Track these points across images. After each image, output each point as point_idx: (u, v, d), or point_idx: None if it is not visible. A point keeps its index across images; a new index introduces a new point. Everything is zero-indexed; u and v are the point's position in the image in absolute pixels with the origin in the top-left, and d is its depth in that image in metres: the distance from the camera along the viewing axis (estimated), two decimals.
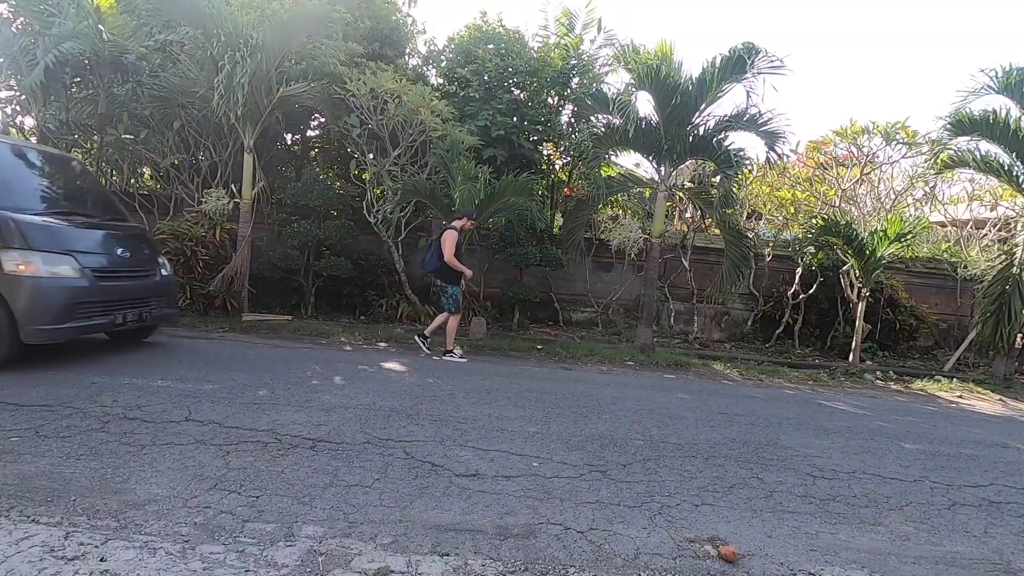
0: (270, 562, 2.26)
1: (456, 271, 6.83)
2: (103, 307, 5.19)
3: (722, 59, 7.64)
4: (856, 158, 11.02)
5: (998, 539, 3.15)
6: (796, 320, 10.29)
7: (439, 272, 6.92)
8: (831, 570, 2.64)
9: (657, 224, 8.60)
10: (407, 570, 2.29)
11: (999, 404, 7.35)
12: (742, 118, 7.98)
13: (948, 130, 8.43)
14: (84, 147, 9.52)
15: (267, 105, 7.87)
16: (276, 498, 2.79)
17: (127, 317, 5.46)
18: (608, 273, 10.85)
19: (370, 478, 3.13)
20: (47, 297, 4.75)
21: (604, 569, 2.45)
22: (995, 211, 12.00)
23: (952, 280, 11.09)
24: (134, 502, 2.63)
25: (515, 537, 2.64)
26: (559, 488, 3.24)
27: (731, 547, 2.69)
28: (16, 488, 2.65)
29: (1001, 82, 7.88)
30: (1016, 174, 8.29)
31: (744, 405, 5.83)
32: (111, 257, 5.42)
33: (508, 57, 9.16)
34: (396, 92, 7.86)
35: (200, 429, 3.62)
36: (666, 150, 8.27)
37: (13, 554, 2.14)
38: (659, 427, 4.65)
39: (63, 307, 4.84)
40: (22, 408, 3.71)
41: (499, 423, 4.35)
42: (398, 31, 10.10)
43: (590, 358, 7.75)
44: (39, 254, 4.74)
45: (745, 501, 3.32)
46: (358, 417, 4.16)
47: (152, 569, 2.13)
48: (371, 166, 8.62)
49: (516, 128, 8.98)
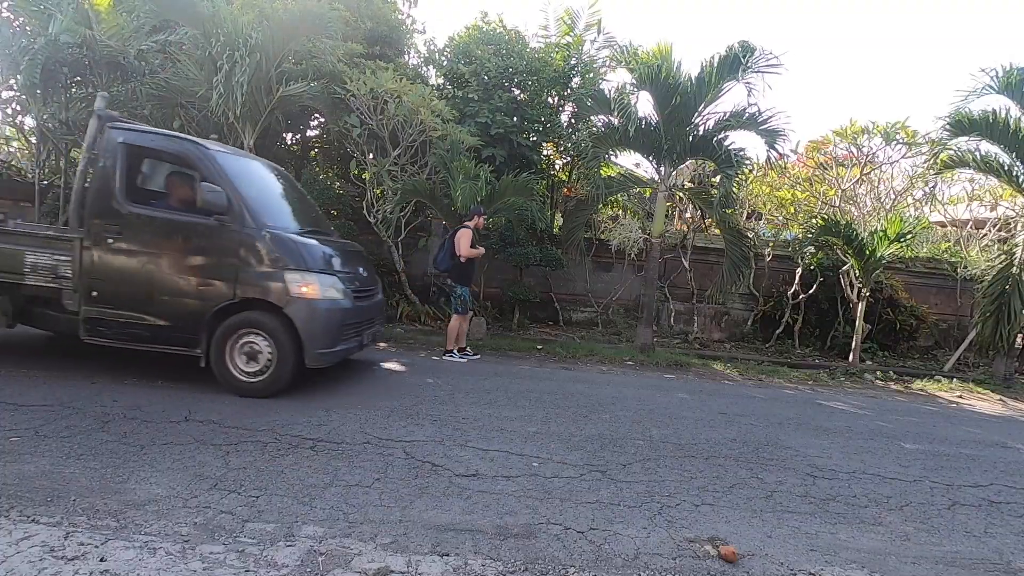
0: (270, 562, 2.26)
1: (467, 272, 6.95)
2: (356, 328, 5.03)
3: (720, 58, 7.65)
4: (856, 158, 11.02)
5: (998, 539, 3.16)
6: (796, 320, 10.29)
7: (451, 272, 6.98)
8: (831, 570, 2.64)
9: (657, 224, 8.60)
10: (407, 570, 2.29)
11: (999, 404, 7.35)
12: (742, 117, 7.98)
13: (948, 130, 8.43)
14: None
15: (267, 105, 7.87)
16: (276, 498, 2.79)
17: (367, 338, 5.33)
18: (608, 273, 10.85)
19: (370, 478, 3.13)
20: (326, 319, 4.61)
21: (604, 569, 2.45)
22: (995, 211, 12.00)
23: (952, 280, 11.09)
24: (134, 502, 2.63)
25: (515, 537, 2.64)
26: (559, 488, 3.24)
27: (731, 547, 2.69)
28: (16, 488, 2.66)
29: (1001, 82, 7.88)
30: (1016, 174, 8.29)
31: (744, 405, 5.83)
32: (356, 275, 5.26)
33: (508, 57, 9.16)
34: (396, 92, 7.85)
35: (200, 429, 3.62)
36: (666, 150, 8.27)
37: (13, 554, 2.14)
38: (659, 427, 4.65)
39: (337, 329, 4.72)
40: (22, 408, 3.71)
41: (499, 423, 4.35)
42: (398, 31, 10.10)
43: (590, 358, 7.75)
44: (315, 275, 4.59)
45: (745, 501, 3.33)
46: (358, 417, 4.16)
47: (152, 569, 2.14)
48: (371, 166, 8.62)
49: (516, 127, 8.98)
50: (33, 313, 4.81)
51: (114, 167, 4.54)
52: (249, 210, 4.52)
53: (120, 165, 4.56)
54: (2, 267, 4.47)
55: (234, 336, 4.48)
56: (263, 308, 4.48)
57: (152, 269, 4.47)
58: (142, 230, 4.49)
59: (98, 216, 4.47)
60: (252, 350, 4.48)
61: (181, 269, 4.47)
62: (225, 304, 4.43)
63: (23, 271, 4.47)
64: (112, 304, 4.48)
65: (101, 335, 4.51)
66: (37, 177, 8.65)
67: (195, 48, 7.79)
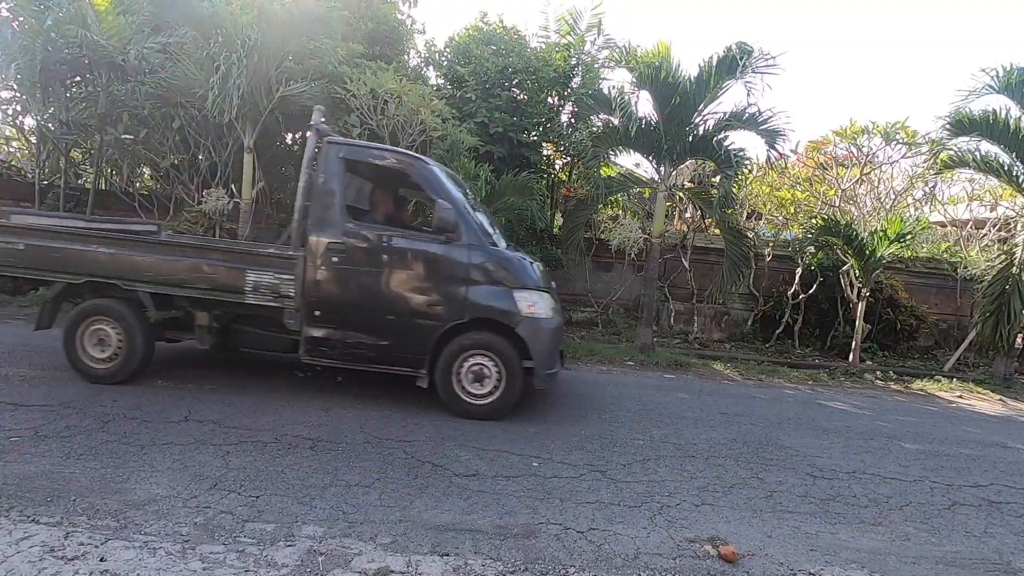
0: (270, 562, 2.26)
1: None
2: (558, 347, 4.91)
3: (719, 59, 7.65)
4: (856, 158, 11.02)
5: (998, 539, 3.16)
6: (796, 320, 10.29)
7: None
8: (831, 570, 2.64)
9: (657, 224, 8.60)
10: (407, 570, 2.30)
11: (999, 404, 7.35)
12: (742, 117, 7.98)
13: (948, 130, 8.43)
14: (84, 147, 9.51)
15: (267, 105, 7.86)
16: (276, 498, 2.79)
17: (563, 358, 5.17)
18: (608, 273, 10.84)
19: (370, 478, 3.13)
20: (551, 339, 4.54)
21: (604, 569, 2.45)
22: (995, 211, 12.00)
23: (952, 280, 11.08)
24: (134, 502, 2.63)
25: (515, 537, 2.64)
26: (559, 488, 3.24)
27: (731, 547, 2.69)
28: (16, 488, 2.66)
29: (1001, 82, 7.88)
30: (1016, 174, 8.28)
31: (744, 405, 5.83)
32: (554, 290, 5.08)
33: (506, 56, 9.16)
34: (396, 92, 7.85)
35: (200, 429, 3.62)
36: (666, 150, 8.27)
37: (13, 554, 2.14)
38: (659, 427, 4.65)
39: (557, 349, 4.64)
40: (22, 408, 3.71)
41: (499, 423, 4.35)
42: (398, 31, 10.09)
43: (590, 358, 7.75)
44: (539, 293, 4.49)
45: (745, 501, 3.33)
46: (358, 417, 4.16)
47: (152, 569, 2.14)
48: None
49: (515, 126, 8.97)
50: (235, 331, 4.74)
51: (335, 183, 4.47)
52: (474, 226, 4.45)
53: (341, 181, 4.50)
54: (224, 286, 4.35)
55: (461, 357, 4.39)
56: (491, 328, 4.39)
57: (377, 288, 4.39)
58: (367, 248, 4.41)
59: (322, 234, 4.40)
60: (479, 372, 4.39)
61: (408, 288, 4.40)
62: (453, 324, 4.36)
63: (244, 290, 4.34)
64: (335, 324, 4.42)
65: (322, 355, 4.45)
66: (37, 177, 8.65)
67: (195, 48, 7.79)
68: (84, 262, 4.40)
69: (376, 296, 4.39)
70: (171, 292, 4.41)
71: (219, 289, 4.36)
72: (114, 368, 4.43)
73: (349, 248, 4.39)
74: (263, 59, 7.52)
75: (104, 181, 9.74)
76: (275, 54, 7.66)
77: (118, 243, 4.46)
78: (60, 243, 4.42)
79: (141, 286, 4.38)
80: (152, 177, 10.23)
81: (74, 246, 4.41)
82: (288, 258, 4.37)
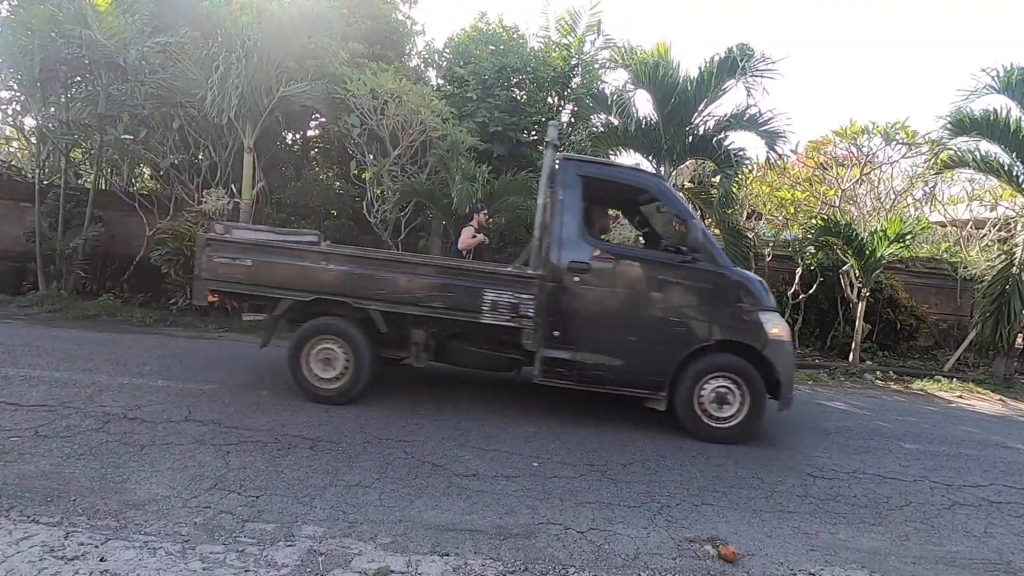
0: (270, 562, 2.26)
1: None
2: None
3: (720, 59, 7.65)
4: (856, 158, 11.02)
5: (998, 539, 3.16)
6: (796, 320, 10.28)
7: None
8: (831, 570, 2.64)
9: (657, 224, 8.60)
10: (407, 570, 2.30)
11: (999, 404, 7.34)
12: (742, 118, 7.98)
13: (948, 130, 8.43)
14: (84, 147, 9.52)
15: (267, 105, 7.87)
16: (276, 498, 2.79)
17: None
18: None
19: (370, 478, 3.13)
20: (792, 361, 4.46)
21: (604, 569, 2.45)
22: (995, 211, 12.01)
23: (952, 280, 11.08)
24: (134, 502, 2.63)
25: (515, 537, 2.64)
26: (559, 488, 3.24)
27: (731, 547, 2.69)
28: (16, 488, 2.66)
29: (1002, 82, 7.88)
30: (1016, 174, 8.28)
31: None
32: None
33: (505, 56, 9.17)
34: (396, 92, 7.85)
35: (200, 429, 3.62)
36: (666, 150, 8.27)
37: (13, 554, 2.14)
38: (660, 427, 4.65)
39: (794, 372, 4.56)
40: (22, 408, 3.71)
41: (499, 423, 4.35)
42: (398, 31, 10.09)
43: None
44: (777, 314, 4.44)
45: (745, 501, 3.33)
46: (358, 417, 4.16)
47: (152, 569, 2.14)
48: (371, 166, 8.61)
49: (515, 126, 8.97)
50: (451, 349, 4.66)
51: (574, 201, 4.41)
52: (717, 246, 4.42)
53: (580, 199, 4.43)
54: (460, 305, 4.28)
55: (703, 380, 4.31)
56: (734, 350, 4.32)
57: (621, 309, 4.35)
58: (610, 268, 4.37)
59: (562, 253, 4.35)
60: (722, 395, 4.32)
61: (653, 309, 4.34)
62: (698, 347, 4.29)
63: (481, 309, 4.26)
64: (574, 345, 4.35)
65: (558, 376, 4.38)
66: (37, 177, 8.65)
67: (195, 48, 7.79)
68: (315, 279, 4.33)
69: (619, 317, 4.34)
70: (403, 311, 4.32)
71: (455, 308, 4.28)
72: (342, 388, 4.39)
73: (592, 267, 4.34)
74: (263, 59, 7.52)
75: (104, 181, 9.73)
76: (275, 54, 7.66)
77: (351, 260, 4.40)
78: (290, 259, 4.36)
79: (373, 304, 4.31)
80: (152, 177, 10.22)
81: (304, 262, 4.34)
82: (528, 277, 4.30)
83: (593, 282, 4.35)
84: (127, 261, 8.95)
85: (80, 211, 8.57)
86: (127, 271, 8.93)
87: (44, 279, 8.35)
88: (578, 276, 4.33)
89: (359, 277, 4.33)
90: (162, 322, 7.37)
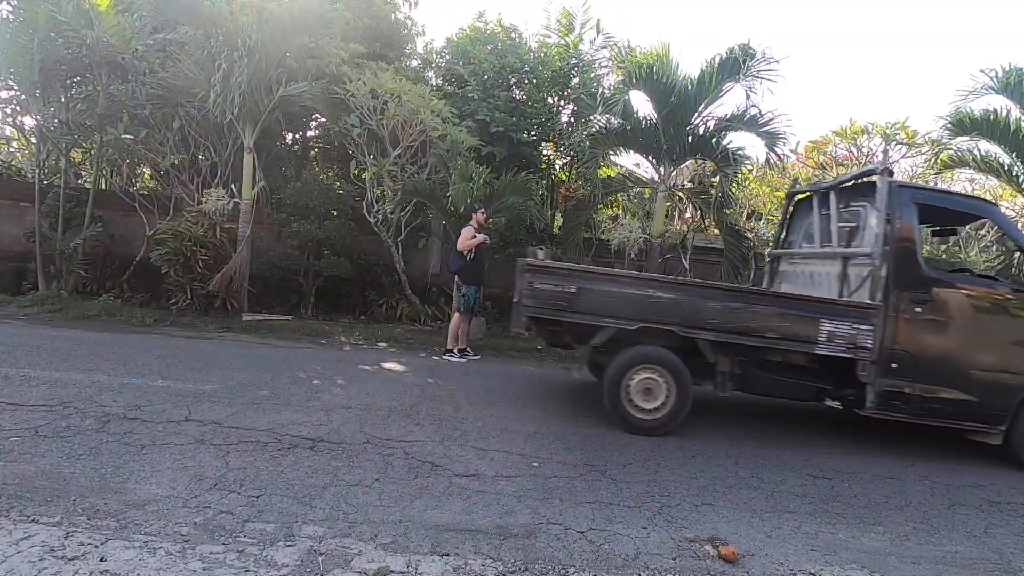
0: (270, 562, 2.26)
1: (476, 271, 7.01)
2: None
3: (720, 60, 7.66)
4: (856, 158, 11.02)
5: (998, 539, 3.16)
6: None
7: (461, 272, 7.04)
8: (831, 570, 2.64)
9: (657, 224, 8.61)
10: (407, 570, 2.30)
11: None
12: (743, 118, 7.99)
13: (948, 130, 8.44)
14: (84, 147, 9.52)
15: (267, 105, 7.87)
16: (276, 498, 2.79)
17: None
18: None
19: (370, 478, 3.13)
20: None
21: (604, 569, 2.45)
22: None
23: None
24: (134, 502, 2.63)
25: (515, 537, 2.64)
26: (559, 488, 3.24)
27: (731, 547, 2.69)
28: (16, 488, 2.65)
29: (1001, 82, 7.88)
30: (1016, 174, 8.28)
31: (744, 405, 5.82)
32: None
33: (504, 56, 9.16)
34: (396, 92, 7.85)
35: (200, 429, 3.62)
36: (665, 150, 8.28)
37: (13, 554, 2.14)
38: None
39: None
40: (22, 408, 3.71)
41: (499, 423, 4.35)
42: (398, 32, 10.09)
43: None
44: None
45: (745, 501, 3.33)
46: (358, 417, 4.16)
47: (152, 569, 2.14)
48: (371, 166, 8.61)
49: (515, 126, 8.97)
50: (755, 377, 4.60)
51: (912, 230, 4.36)
52: None
53: (917, 227, 4.39)
54: (795, 335, 4.22)
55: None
56: None
57: (965, 341, 4.29)
58: (954, 297, 4.31)
59: (903, 284, 4.29)
60: None
61: (999, 342, 4.30)
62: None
63: (816, 339, 4.19)
64: (911, 377, 4.29)
65: (892, 408, 4.34)
66: (37, 177, 8.65)
67: (195, 48, 7.79)
68: (642, 307, 4.29)
69: (963, 348, 4.28)
70: (731, 340, 4.28)
71: (788, 338, 4.23)
72: (663, 419, 4.35)
73: (935, 298, 4.28)
74: (263, 58, 7.52)
75: (104, 181, 9.74)
76: (275, 53, 7.67)
77: (681, 288, 4.39)
78: (616, 286, 4.32)
79: (702, 333, 4.27)
80: (152, 177, 10.22)
81: (631, 290, 4.31)
82: (868, 308, 4.24)
83: (936, 312, 4.29)
84: (127, 261, 8.95)
85: (80, 211, 8.58)
86: (127, 271, 8.93)
87: (44, 279, 8.35)
88: (920, 306, 4.27)
89: (689, 305, 4.29)
90: (162, 322, 7.37)
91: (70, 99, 8.59)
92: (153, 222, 8.76)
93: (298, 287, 9.18)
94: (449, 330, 6.97)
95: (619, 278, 4.40)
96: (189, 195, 8.92)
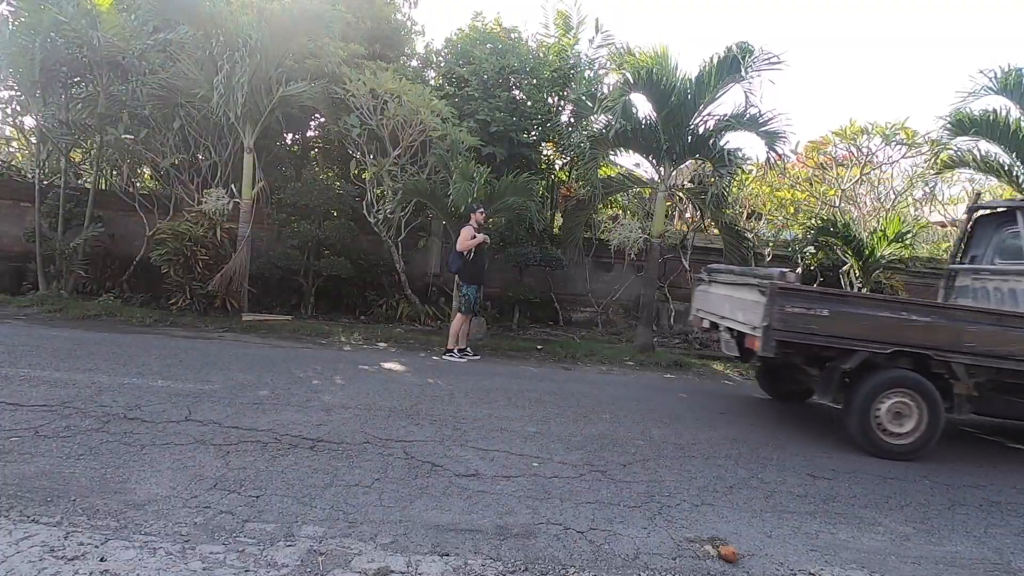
0: (270, 562, 2.26)
1: (476, 271, 7.01)
2: None
3: (719, 59, 7.65)
4: (856, 158, 11.03)
5: (998, 539, 3.16)
6: None
7: (461, 272, 7.06)
8: (831, 570, 2.64)
9: (657, 224, 8.60)
10: (407, 570, 2.30)
11: None
12: (742, 118, 7.98)
13: (948, 130, 8.43)
14: (84, 147, 9.52)
15: (267, 105, 7.87)
16: (276, 498, 2.79)
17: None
18: (608, 273, 10.84)
19: (370, 478, 3.13)
20: None
21: (604, 569, 2.45)
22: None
23: None
24: (134, 502, 2.63)
25: (515, 537, 2.64)
26: (559, 488, 3.24)
27: (731, 547, 2.69)
28: (16, 488, 2.65)
29: (1001, 82, 7.88)
30: (1016, 174, 8.28)
31: (744, 405, 5.83)
32: None
33: (504, 56, 9.17)
34: (396, 92, 7.85)
35: (200, 429, 3.62)
36: (665, 150, 8.27)
37: (13, 554, 2.14)
38: (659, 427, 4.65)
39: None
40: (22, 408, 3.70)
41: (499, 423, 4.35)
42: (398, 32, 10.09)
43: (590, 358, 7.75)
44: None
45: (745, 501, 3.33)
46: (358, 417, 4.16)
47: (152, 569, 2.14)
48: (371, 166, 8.61)
49: (515, 126, 8.97)
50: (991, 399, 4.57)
51: None
52: None
53: None
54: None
55: None
56: None
57: None
58: None
59: None
60: None
61: None
62: None
63: None
64: None
65: None
66: (37, 177, 8.65)
67: (196, 48, 7.79)
68: (896, 331, 4.24)
69: None
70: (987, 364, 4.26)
71: None
72: (915, 443, 4.34)
73: None
74: (264, 58, 7.53)
75: (104, 181, 9.73)
76: (275, 53, 7.67)
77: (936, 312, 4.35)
78: (870, 310, 4.29)
79: (958, 357, 4.24)
80: (152, 177, 10.22)
81: (884, 313, 4.27)
82: None
83: None
84: (127, 261, 8.95)
85: (80, 211, 8.57)
86: (127, 271, 8.93)
87: (44, 279, 8.35)
88: None
89: (948, 329, 4.26)
90: (162, 322, 7.37)
91: (70, 99, 8.59)
92: (153, 222, 8.76)
93: (298, 287, 9.19)
94: (451, 330, 6.98)
95: (873, 302, 4.40)
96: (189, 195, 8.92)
